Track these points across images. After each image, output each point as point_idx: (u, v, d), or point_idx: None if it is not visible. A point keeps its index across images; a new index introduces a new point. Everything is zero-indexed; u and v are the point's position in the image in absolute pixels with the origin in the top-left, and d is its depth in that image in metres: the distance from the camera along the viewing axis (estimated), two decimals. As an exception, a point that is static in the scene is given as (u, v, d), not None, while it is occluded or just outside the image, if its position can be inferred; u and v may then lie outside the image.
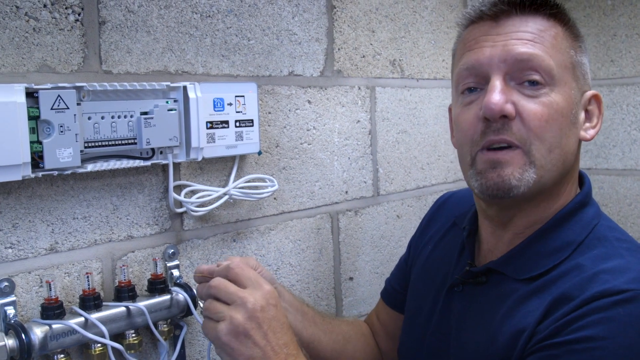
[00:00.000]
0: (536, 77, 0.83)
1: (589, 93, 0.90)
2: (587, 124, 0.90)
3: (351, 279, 1.48)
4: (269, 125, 1.27)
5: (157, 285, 1.06)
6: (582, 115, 0.89)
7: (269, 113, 1.27)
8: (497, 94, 0.82)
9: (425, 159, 1.64)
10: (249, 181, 1.20)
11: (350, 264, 1.47)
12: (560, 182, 0.88)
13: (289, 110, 1.30)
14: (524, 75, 0.83)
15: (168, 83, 1.04)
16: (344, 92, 1.42)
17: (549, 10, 0.87)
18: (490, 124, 0.83)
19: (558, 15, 0.88)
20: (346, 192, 1.44)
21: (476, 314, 0.90)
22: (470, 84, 0.88)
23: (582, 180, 0.95)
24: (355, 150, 1.45)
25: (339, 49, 1.40)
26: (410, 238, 1.21)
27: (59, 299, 0.96)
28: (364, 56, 1.46)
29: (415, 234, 1.19)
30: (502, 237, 0.92)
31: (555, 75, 0.84)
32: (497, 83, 0.84)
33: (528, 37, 0.85)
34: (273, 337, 0.76)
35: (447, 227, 1.09)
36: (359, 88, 1.45)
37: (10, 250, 0.94)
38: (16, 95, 0.87)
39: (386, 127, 1.52)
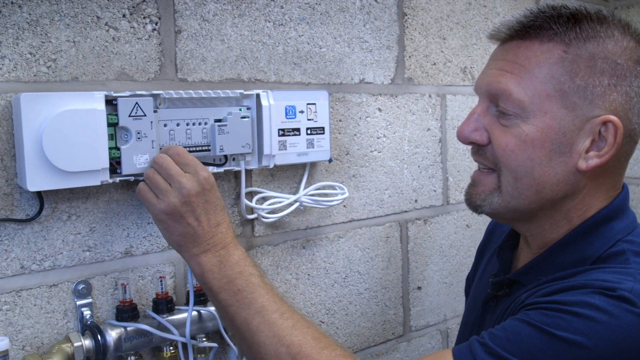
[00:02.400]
0: (506, 109, 0.82)
1: (600, 118, 0.79)
2: (593, 152, 0.80)
3: (419, 288, 1.42)
4: (339, 133, 1.23)
5: (228, 291, 1.03)
6: (586, 142, 0.80)
7: (340, 121, 1.23)
8: (467, 122, 0.86)
9: (496, 168, 1.56)
10: (319, 188, 1.17)
11: (418, 273, 1.42)
12: (551, 207, 0.83)
13: (360, 117, 1.26)
14: (498, 105, 0.83)
15: (241, 91, 1.02)
16: (414, 99, 1.37)
17: (551, 32, 0.80)
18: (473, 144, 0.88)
19: (562, 36, 0.80)
20: (415, 200, 1.39)
21: None
22: None
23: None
24: (425, 159, 1.40)
25: (409, 57, 1.35)
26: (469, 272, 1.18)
27: (133, 302, 0.96)
28: (434, 63, 1.41)
29: (472, 267, 1.16)
30: (527, 252, 0.91)
31: (527, 107, 0.80)
32: (476, 109, 0.86)
33: (508, 67, 0.82)
34: (205, 219, 0.83)
35: (494, 249, 1.06)
36: (430, 96, 1.40)
37: (87, 253, 0.94)
38: (96, 102, 0.87)
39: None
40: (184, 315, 0.99)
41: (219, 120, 0.99)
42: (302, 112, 1.09)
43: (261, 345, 0.76)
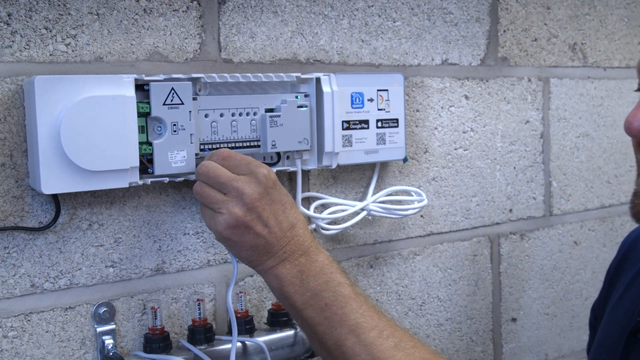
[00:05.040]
0: None
1: None
2: None
3: (514, 320, 1.38)
4: (416, 126, 1.20)
5: (279, 318, 1.03)
6: None
7: (417, 111, 1.20)
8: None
9: (613, 171, 1.52)
10: (391, 194, 1.15)
11: (513, 301, 1.37)
12: None
13: (442, 107, 1.23)
14: None
15: (298, 74, 1.00)
16: (509, 84, 1.33)
17: None
18: None
19: None
20: (510, 210, 1.35)
21: None
22: None
23: None
24: (523, 158, 1.36)
25: (504, 31, 1.32)
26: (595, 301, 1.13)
27: (164, 329, 0.95)
28: (535, 39, 1.37)
29: (600, 293, 1.11)
30: None
31: None
32: None
33: None
34: (275, 223, 0.80)
35: (638, 268, 1.01)
36: (529, 80, 1.36)
37: (111, 270, 0.93)
38: (124, 88, 0.86)
39: (563, 129, 1.42)
40: (226, 346, 0.97)
41: (271, 110, 0.98)
42: (371, 100, 1.08)
43: None
